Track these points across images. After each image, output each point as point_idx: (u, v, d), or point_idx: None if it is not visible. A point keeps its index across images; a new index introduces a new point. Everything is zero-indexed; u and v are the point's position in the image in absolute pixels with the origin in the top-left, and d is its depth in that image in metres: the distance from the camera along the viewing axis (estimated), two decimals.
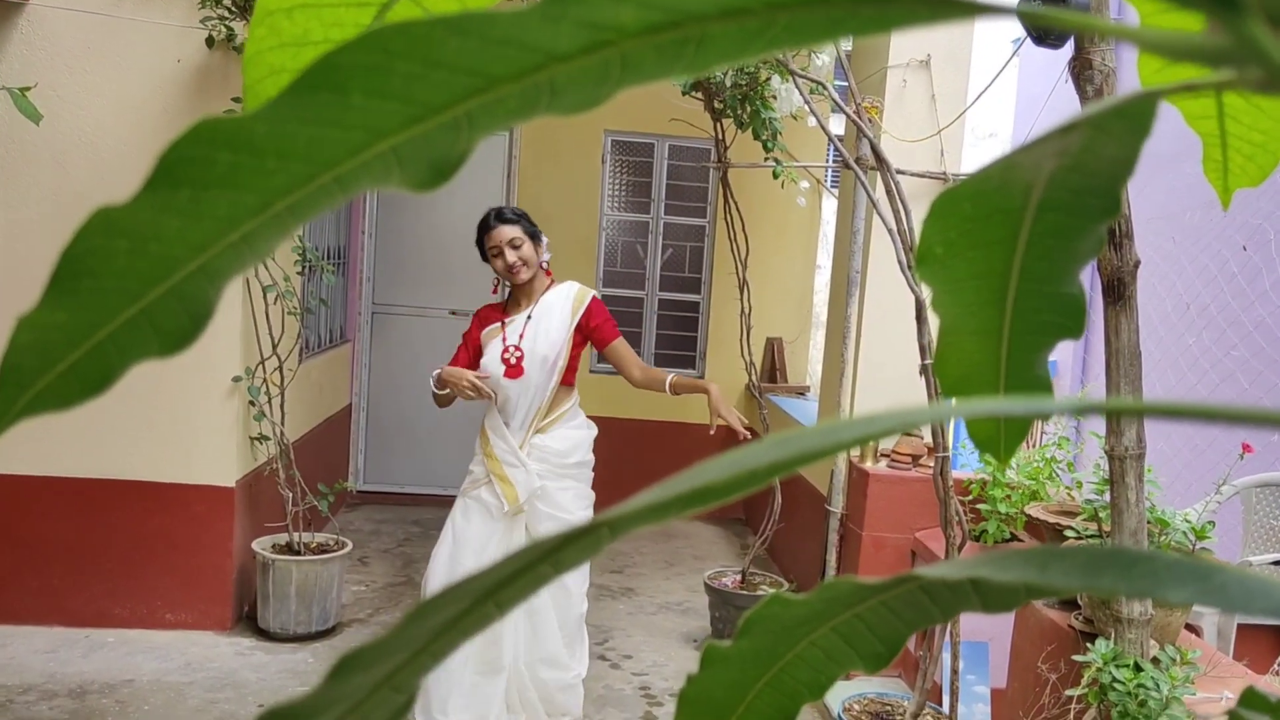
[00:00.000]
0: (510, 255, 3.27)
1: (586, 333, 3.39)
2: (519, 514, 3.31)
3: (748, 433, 3.37)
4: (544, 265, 3.40)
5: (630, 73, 0.27)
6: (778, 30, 0.26)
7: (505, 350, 3.32)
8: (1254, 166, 0.53)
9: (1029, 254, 0.40)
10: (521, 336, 3.32)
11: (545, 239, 3.42)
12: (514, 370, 3.31)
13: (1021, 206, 0.37)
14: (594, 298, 3.41)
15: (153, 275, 0.29)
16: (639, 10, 0.25)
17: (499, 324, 3.38)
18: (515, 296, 3.41)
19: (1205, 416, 0.24)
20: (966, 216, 0.38)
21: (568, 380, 3.39)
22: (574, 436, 3.41)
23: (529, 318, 3.35)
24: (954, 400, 0.49)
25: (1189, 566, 0.29)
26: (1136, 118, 0.30)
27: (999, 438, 0.57)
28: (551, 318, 3.34)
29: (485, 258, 3.36)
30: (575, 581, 3.43)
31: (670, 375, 3.40)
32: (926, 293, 0.45)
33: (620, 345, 3.41)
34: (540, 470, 3.31)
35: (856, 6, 0.25)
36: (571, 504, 3.37)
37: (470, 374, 3.28)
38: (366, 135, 0.27)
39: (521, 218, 3.33)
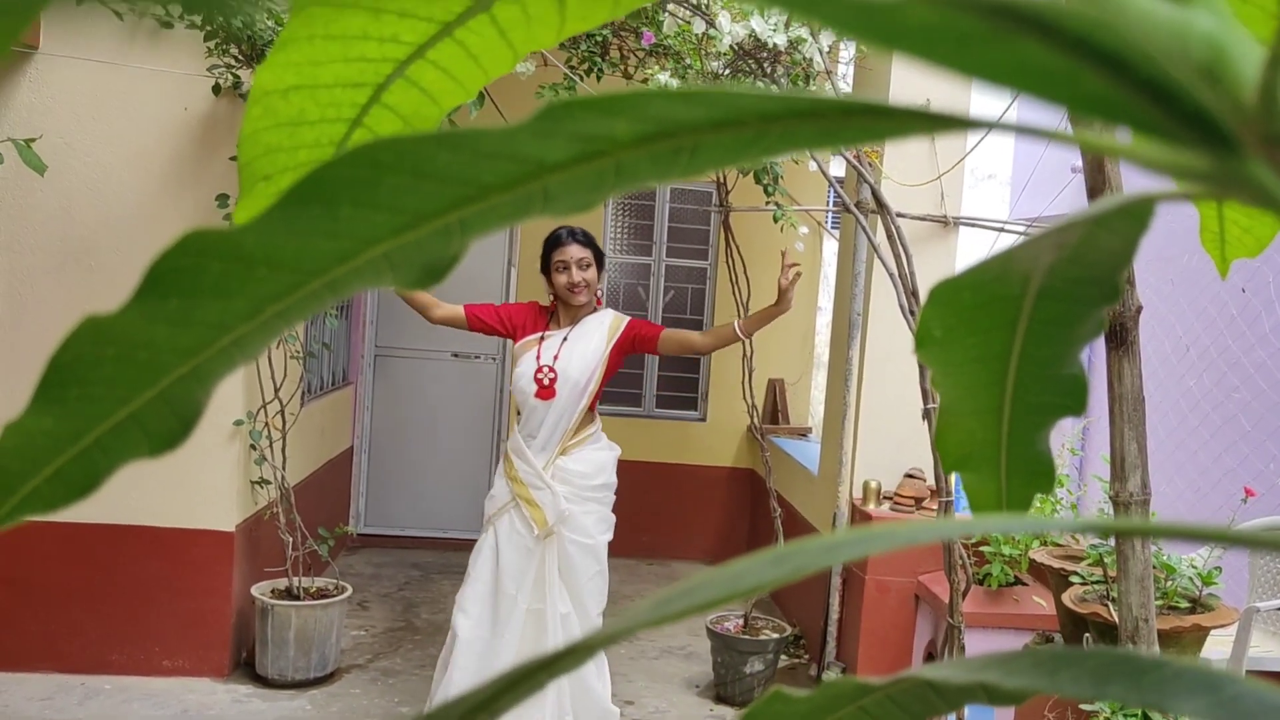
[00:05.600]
0: (576, 274, 3.37)
1: (633, 344, 3.43)
2: (549, 536, 3.33)
3: (798, 267, 3.48)
4: (599, 294, 3.49)
5: (624, 179, 0.27)
6: (771, 140, 0.26)
7: (539, 370, 3.36)
8: (1251, 238, 0.53)
9: (1028, 339, 0.40)
10: (556, 357, 3.37)
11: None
12: (546, 391, 3.35)
13: (1020, 295, 0.37)
14: (630, 318, 3.49)
15: (141, 381, 0.29)
16: (632, 124, 0.25)
17: (538, 337, 3.42)
18: (558, 314, 3.47)
19: (1218, 539, 0.24)
20: (966, 304, 0.38)
21: (592, 405, 3.44)
22: (597, 459, 3.44)
23: (565, 339, 3.40)
24: (961, 482, 0.49)
25: (1199, 676, 0.28)
26: (1136, 216, 0.30)
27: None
28: (589, 340, 3.39)
29: (545, 270, 3.44)
30: (595, 606, 3.45)
31: (735, 322, 3.45)
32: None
33: (670, 331, 3.47)
34: (565, 493, 3.34)
35: (848, 118, 0.25)
36: (594, 528, 3.40)
37: None
38: (356, 244, 0.27)
39: (592, 242, 3.44)
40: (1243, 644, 3.03)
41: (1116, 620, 2.17)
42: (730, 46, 3.24)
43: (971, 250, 4.57)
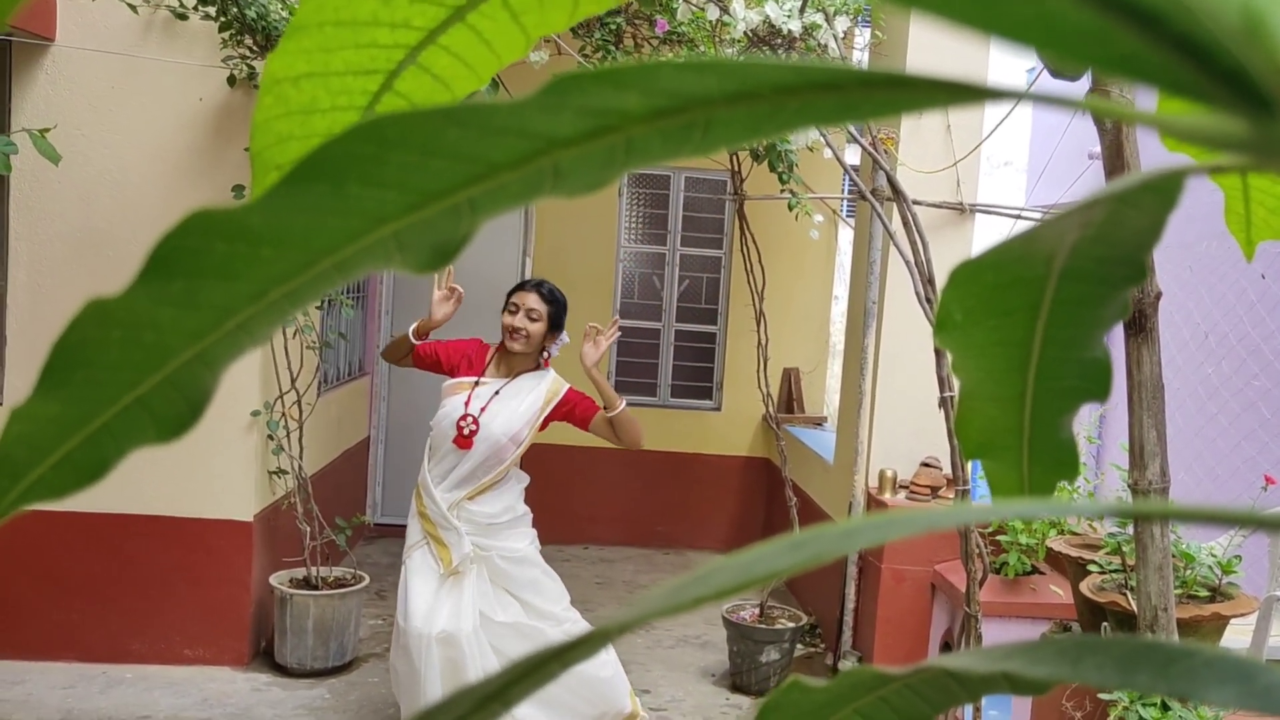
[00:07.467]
0: (520, 320, 3.30)
1: (566, 416, 3.38)
2: (454, 575, 3.28)
3: (617, 330, 3.39)
4: (546, 354, 3.41)
5: (636, 156, 0.27)
6: (788, 114, 0.25)
7: (463, 417, 3.29)
8: (1277, 219, 0.52)
9: (1051, 321, 0.39)
10: (483, 410, 3.29)
11: (565, 338, 3.44)
12: (464, 441, 3.28)
13: (1043, 275, 0.36)
14: (569, 388, 3.41)
15: (148, 364, 0.28)
16: (643, 97, 0.24)
17: (472, 381, 3.36)
18: (499, 358, 3.42)
19: (1239, 522, 0.23)
20: (987, 285, 0.37)
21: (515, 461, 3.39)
22: (504, 499, 3.38)
23: (497, 393, 3.33)
24: (982, 471, 0.48)
25: (1231, 665, 0.27)
26: (1163, 192, 0.29)
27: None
28: (520, 400, 3.33)
29: (506, 306, 3.40)
30: (555, 604, 3.41)
31: (604, 415, 3.36)
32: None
33: (599, 416, 3.38)
34: (469, 530, 3.30)
35: (869, 91, 0.24)
36: (515, 544, 3.37)
37: (437, 294, 3.35)
38: (365, 222, 0.27)
39: (555, 303, 3.36)
40: (1263, 633, 3.01)
41: (1135, 609, 2.16)
42: (744, 33, 3.21)
43: (988, 237, 4.54)
